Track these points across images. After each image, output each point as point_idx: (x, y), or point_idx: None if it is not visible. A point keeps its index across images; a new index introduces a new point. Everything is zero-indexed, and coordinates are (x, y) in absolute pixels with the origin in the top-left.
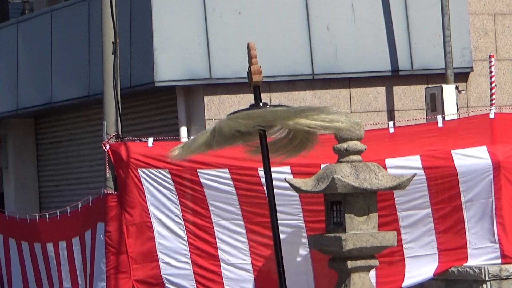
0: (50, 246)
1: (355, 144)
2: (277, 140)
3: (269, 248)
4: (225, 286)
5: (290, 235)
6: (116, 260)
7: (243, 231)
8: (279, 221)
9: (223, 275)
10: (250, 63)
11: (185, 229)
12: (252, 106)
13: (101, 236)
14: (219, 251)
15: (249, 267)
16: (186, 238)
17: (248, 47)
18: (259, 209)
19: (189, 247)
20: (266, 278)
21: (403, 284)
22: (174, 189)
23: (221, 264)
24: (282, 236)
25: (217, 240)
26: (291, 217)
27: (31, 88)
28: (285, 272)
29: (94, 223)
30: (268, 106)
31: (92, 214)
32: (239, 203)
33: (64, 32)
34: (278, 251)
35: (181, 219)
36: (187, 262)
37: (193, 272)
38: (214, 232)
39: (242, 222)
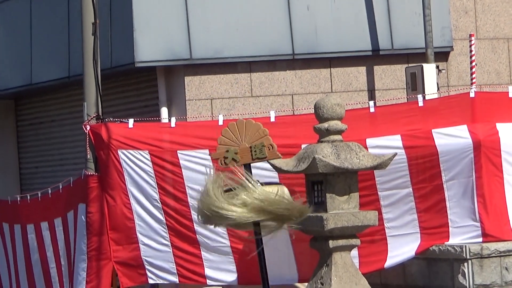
0: (30, 228)
1: (335, 124)
2: None
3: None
4: (205, 268)
5: None
6: (97, 241)
7: None
8: None
9: (203, 257)
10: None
11: (163, 212)
12: None
13: (82, 217)
14: (197, 234)
15: (229, 249)
16: (164, 221)
17: None
18: None
19: (168, 230)
20: (246, 259)
21: (386, 264)
22: (152, 171)
23: (201, 247)
24: None
25: (194, 224)
26: None
27: (11, 69)
28: (266, 253)
29: (75, 204)
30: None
31: (73, 195)
32: None
33: (44, 13)
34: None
35: (159, 202)
36: (166, 245)
37: (173, 254)
38: (191, 216)
39: None
